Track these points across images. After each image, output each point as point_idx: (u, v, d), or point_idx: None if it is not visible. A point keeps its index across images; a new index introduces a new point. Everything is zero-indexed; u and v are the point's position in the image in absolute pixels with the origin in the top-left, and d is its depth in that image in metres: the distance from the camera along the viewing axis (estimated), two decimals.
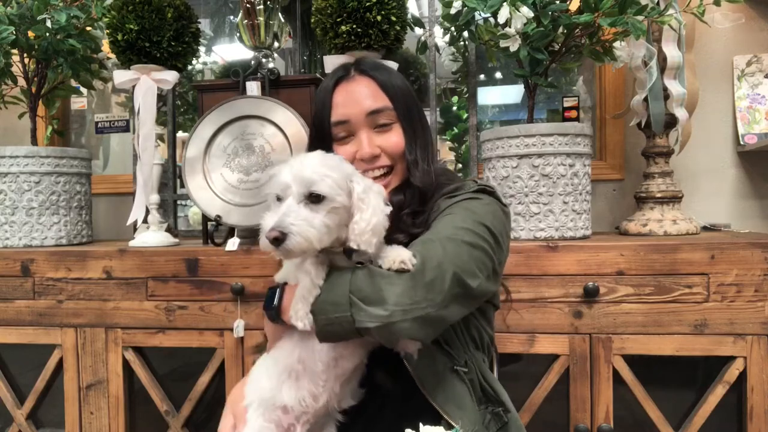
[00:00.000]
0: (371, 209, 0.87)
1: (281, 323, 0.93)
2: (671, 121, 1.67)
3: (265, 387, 0.94)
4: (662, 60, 1.62)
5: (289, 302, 0.89)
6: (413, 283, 0.83)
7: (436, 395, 0.92)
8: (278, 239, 0.80)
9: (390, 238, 0.92)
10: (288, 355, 0.93)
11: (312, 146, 1.06)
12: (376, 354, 0.97)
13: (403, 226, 0.98)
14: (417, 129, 1.05)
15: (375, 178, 1.02)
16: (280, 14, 1.81)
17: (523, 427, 1.00)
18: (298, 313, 0.86)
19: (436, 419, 0.91)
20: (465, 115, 2.14)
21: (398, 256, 0.86)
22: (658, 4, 1.49)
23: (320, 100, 1.07)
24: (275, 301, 0.92)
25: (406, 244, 0.91)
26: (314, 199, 0.84)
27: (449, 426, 0.89)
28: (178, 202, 2.12)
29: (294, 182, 0.84)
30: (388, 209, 0.90)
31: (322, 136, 1.06)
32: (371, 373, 0.98)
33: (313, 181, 0.84)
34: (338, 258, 0.89)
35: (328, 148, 1.03)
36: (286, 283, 0.93)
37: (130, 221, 1.76)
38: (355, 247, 0.86)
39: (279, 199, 0.86)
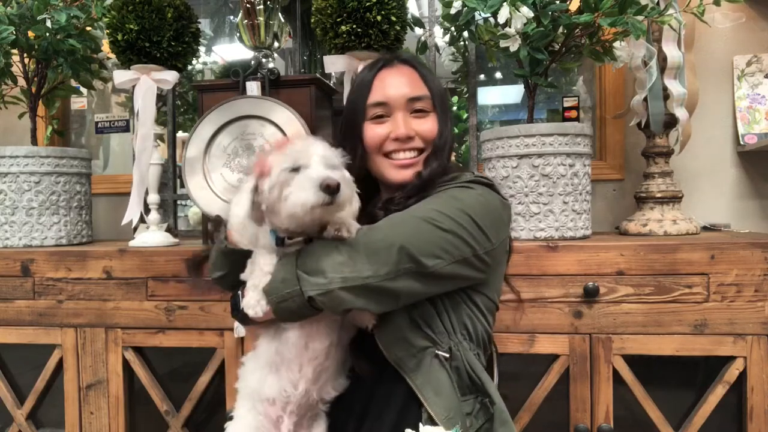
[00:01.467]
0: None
1: (252, 324, 0.95)
2: (671, 121, 1.67)
3: (251, 382, 0.97)
4: (662, 60, 1.62)
5: None
6: (354, 253, 0.85)
7: (415, 377, 0.93)
8: (339, 187, 0.80)
9: (371, 212, 0.94)
10: (267, 349, 0.96)
11: (342, 130, 1.10)
12: (357, 344, 0.98)
13: (392, 205, 0.99)
14: (448, 123, 1.08)
15: (407, 159, 1.04)
16: (280, 14, 1.81)
17: (510, 420, 0.99)
18: (250, 301, 0.88)
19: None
20: (465, 115, 2.14)
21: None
22: (658, 4, 1.49)
23: (359, 83, 1.09)
24: (240, 305, 0.92)
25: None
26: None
27: (448, 426, 0.89)
28: (178, 202, 2.12)
29: (315, 153, 0.85)
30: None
31: (354, 117, 1.07)
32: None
33: (330, 155, 0.87)
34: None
35: (358, 134, 1.05)
36: (244, 285, 0.93)
37: (124, 222, 1.76)
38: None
39: (294, 170, 0.84)
